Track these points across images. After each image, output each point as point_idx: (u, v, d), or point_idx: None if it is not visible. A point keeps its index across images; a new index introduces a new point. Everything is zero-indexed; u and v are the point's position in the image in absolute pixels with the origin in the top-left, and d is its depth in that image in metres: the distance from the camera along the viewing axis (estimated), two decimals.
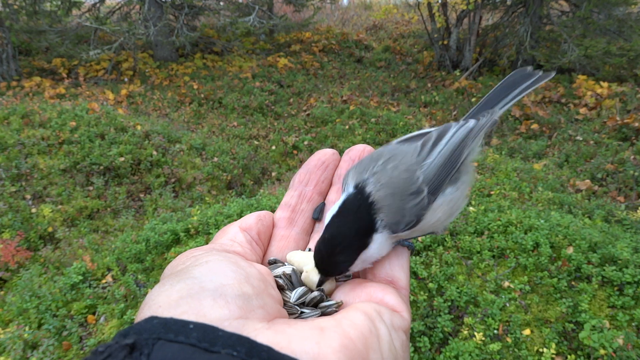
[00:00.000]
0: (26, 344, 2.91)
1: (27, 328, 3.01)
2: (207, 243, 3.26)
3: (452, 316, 2.82)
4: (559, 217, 3.49)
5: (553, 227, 3.32)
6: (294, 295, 0.48)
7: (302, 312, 0.46)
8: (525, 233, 3.31)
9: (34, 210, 4.55)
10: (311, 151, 6.35)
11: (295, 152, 6.52)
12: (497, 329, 2.73)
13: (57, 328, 3.00)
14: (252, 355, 0.31)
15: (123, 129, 5.75)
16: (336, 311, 0.45)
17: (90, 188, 4.97)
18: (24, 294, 3.26)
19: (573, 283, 2.94)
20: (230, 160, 5.69)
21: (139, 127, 5.84)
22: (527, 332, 2.71)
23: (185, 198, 5.03)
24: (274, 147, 6.59)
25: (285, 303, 0.46)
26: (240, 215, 3.76)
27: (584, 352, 2.56)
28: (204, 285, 0.38)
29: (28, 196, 4.72)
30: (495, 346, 2.59)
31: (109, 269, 3.48)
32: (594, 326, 2.60)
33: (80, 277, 3.34)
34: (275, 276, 0.49)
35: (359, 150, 0.59)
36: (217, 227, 3.62)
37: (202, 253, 0.45)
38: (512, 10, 9.04)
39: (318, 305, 0.48)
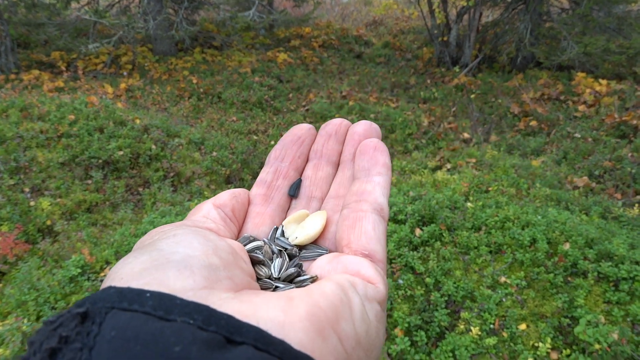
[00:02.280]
0: (25, 336, 2.92)
1: (25, 320, 3.02)
2: None
3: (449, 311, 2.84)
4: (556, 213, 3.51)
5: (550, 223, 3.34)
6: (275, 269, 0.47)
7: (276, 287, 0.45)
8: (523, 229, 3.33)
9: (32, 203, 4.56)
10: None
11: None
12: (494, 324, 2.75)
13: None
14: (209, 324, 0.30)
15: (122, 122, 5.75)
16: None
17: (89, 181, 4.97)
18: (22, 286, 3.27)
19: (569, 278, 2.96)
20: (229, 155, 5.70)
21: (138, 121, 5.84)
22: (523, 326, 2.73)
23: (184, 192, 5.03)
24: (273, 142, 6.59)
25: (259, 278, 0.45)
26: None
27: (579, 346, 2.58)
28: (169, 257, 0.36)
29: (27, 189, 4.72)
30: (491, 340, 2.61)
31: (108, 262, 3.49)
32: (589, 321, 2.62)
33: (79, 270, 3.35)
34: (250, 252, 0.47)
35: (336, 125, 0.57)
36: None
37: (171, 228, 0.43)
38: (512, 7, 9.04)
39: (293, 280, 0.47)
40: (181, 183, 5.24)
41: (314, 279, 0.45)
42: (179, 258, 0.36)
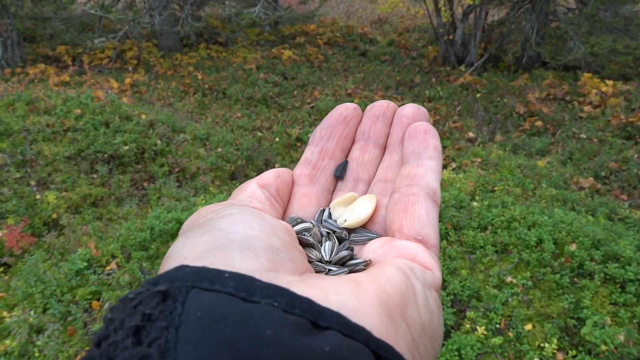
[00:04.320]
0: (31, 328, 2.94)
1: (32, 312, 3.04)
2: None
3: (455, 310, 2.84)
4: (562, 213, 3.50)
5: (556, 223, 3.33)
6: (326, 252, 0.46)
7: (329, 270, 0.44)
8: (529, 229, 3.33)
9: (38, 196, 4.57)
10: None
11: (298, 144, 6.53)
12: (499, 324, 2.75)
13: (62, 313, 3.02)
14: (293, 307, 0.29)
15: (127, 117, 5.76)
16: (364, 269, 0.43)
17: (95, 176, 4.98)
18: (29, 279, 3.28)
19: (575, 279, 2.96)
20: (234, 151, 5.70)
21: (143, 116, 5.84)
22: (528, 327, 2.73)
23: (188, 188, 5.04)
24: (277, 139, 6.59)
25: (310, 261, 0.44)
26: None
27: (585, 347, 2.58)
28: (231, 237, 0.36)
29: (33, 182, 4.74)
30: (497, 340, 2.61)
31: (114, 256, 3.50)
32: (595, 322, 2.62)
33: (85, 264, 3.36)
34: (298, 233, 0.46)
35: (383, 107, 0.56)
36: None
37: (222, 207, 0.43)
38: (518, 7, 9.01)
39: (345, 263, 0.45)
40: (186, 178, 5.24)
41: (367, 263, 0.44)
42: (239, 238, 0.36)
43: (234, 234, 0.36)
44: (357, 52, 10.76)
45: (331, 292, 0.32)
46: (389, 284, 0.35)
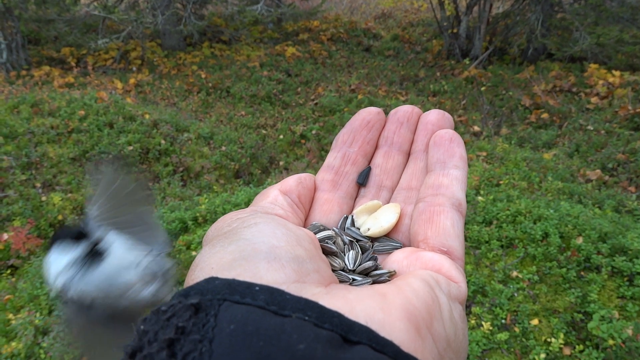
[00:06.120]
0: (37, 329, 2.95)
1: (38, 314, 3.05)
2: None
3: None
4: (568, 207, 3.46)
5: (562, 217, 3.29)
6: (349, 261, 0.46)
7: (353, 280, 0.44)
8: (535, 223, 3.29)
9: (44, 198, 4.59)
10: (319, 140, 6.34)
11: (303, 141, 6.51)
12: (505, 319, 2.73)
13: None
14: (323, 321, 0.29)
15: (131, 117, 5.77)
16: (389, 280, 0.43)
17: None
18: (34, 280, 3.30)
19: (582, 273, 2.93)
20: (238, 149, 5.69)
21: (147, 116, 5.85)
22: (535, 322, 2.70)
23: (193, 187, 5.05)
24: (281, 137, 6.58)
25: (333, 270, 0.44)
26: (247, 204, 3.77)
27: (592, 342, 2.55)
28: (257, 247, 0.36)
29: (38, 184, 4.76)
30: (503, 335, 2.59)
31: None
32: (603, 316, 2.59)
33: None
34: (321, 241, 0.46)
35: (407, 112, 0.55)
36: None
37: (247, 215, 0.43)
38: None
39: (369, 274, 0.45)
40: (190, 178, 5.25)
41: (391, 274, 0.44)
42: (265, 249, 0.36)
43: (260, 244, 0.37)
44: (360, 47, 10.71)
45: (358, 305, 0.32)
46: (415, 297, 0.34)
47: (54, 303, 3.10)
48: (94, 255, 0.59)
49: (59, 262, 0.62)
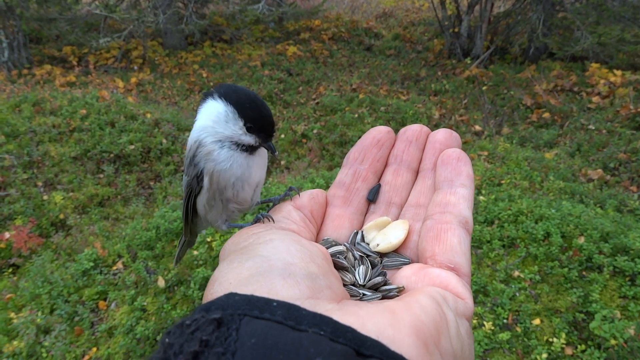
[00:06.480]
0: (39, 328, 2.95)
1: (39, 313, 3.06)
2: (216, 231, 3.23)
3: None
4: (570, 206, 3.46)
5: (564, 216, 3.29)
6: (360, 276, 0.48)
7: (363, 295, 0.46)
8: (536, 222, 3.29)
9: (45, 197, 4.59)
10: (320, 140, 6.34)
11: (304, 140, 6.51)
12: (507, 319, 2.73)
13: (68, 313, 3.04)
14: (338, 335, 0.31)
15: (133, 117, 5.77)
16: (397, 295, 0.45)
17: (101, 176, 5.00)
18: (36, 279, 3.30)
19: (584, 273, 2.92)
20: None
21: (148, 115, 5.85)
22: (536, 321, 2.70)
23: None
24: (282, 136, 6.57)
25: (344, 284, 0.46)
26: None
27: (594, 342, 2.55)
28: (272, 263, 0.39)
29: (40, 183, 4.76)
30: (504, 335, 2.59)
31: (120, 256, 3.51)
32: (604, 316, 2.59)
33: (92, 264, 3.38)
34: (332, 256, 0.48)
35: (416, 131, 0.57)
36: None
37: (262, 230, 0.46)
38: None
39: (378, 289, 0.47)
40: None
41: (400, 290, 0.46)
42: (281, 265, 0.39)
43: (275, 261, 0.39)
44: (362, 46, 10.71)
45: (369, 321, 0.34)
46: (424, 314, 0.36)
47: (56, 302, 3.11)
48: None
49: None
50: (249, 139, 0.64)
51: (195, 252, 3.30)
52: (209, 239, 3.38)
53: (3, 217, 4.30)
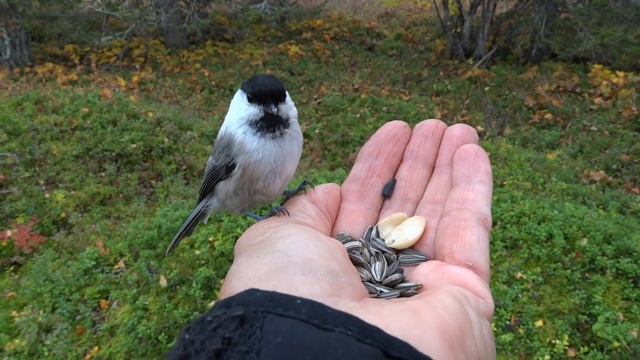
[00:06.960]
0: (40, 327, 2.95)
1: (41, 312, 3.05)
2: (218, 230, 3.22)
3: None
4: (573, 208, 3.45)
5: (567, 218, 3.28)
6: (376, 273, 0.47)
7: (380, 292, 0.45)
8: (539, 224, 3.28)
9: (47, 195, 4.59)
10: (322, 139, 6.33)
11: (306, 140, 6.50)
12: (509, 320, 2.72)
13: (70, 312, 3.03)
14: (365, 336, 0.30)
15: (135, 115, 5.77)
16: (415, 293, 0.44)
17: (103, 174, 5.00)
18: (38, 278, 3.30)
19: (587, 275, 2.92)
20: None
21: (150, 114, 5.85)
22: (539, 323, 2.69)
23: (196, 185, 5.04)
24: None
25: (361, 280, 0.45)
26: None
27: (597, 344, 2.54)
28: (291, 259, 0.38)
29: (41, 181, 4.76)
30: (507, 337, 2.58)
31: (122, 255, 3.51)
32: (607, 318, 2.58)
33: (93, 263, 3.37)
34: (348, 251, 0.47)
35: (432, 126, 0.56)
36: (228, 214, 3.63)
37: (279, 224, 0.45)
38: None
39: (395, 286, 0.46)
40: (193, 176, 5.24)
41: (418, 287, 0.45)
42: (300, 261, 0.38)
43: (295, 257, 0.38)
44: (364, 46, 10.70)
45: (392, 321, 0.33)
46: (448, 314, 0.35)
47: (57, 301, 3.11)
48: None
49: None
50: (254, 110, 0.65)
51: (197, 252, 3.29)
52: (210, 239, 3.38)
53: (5, 215, 4.30)
